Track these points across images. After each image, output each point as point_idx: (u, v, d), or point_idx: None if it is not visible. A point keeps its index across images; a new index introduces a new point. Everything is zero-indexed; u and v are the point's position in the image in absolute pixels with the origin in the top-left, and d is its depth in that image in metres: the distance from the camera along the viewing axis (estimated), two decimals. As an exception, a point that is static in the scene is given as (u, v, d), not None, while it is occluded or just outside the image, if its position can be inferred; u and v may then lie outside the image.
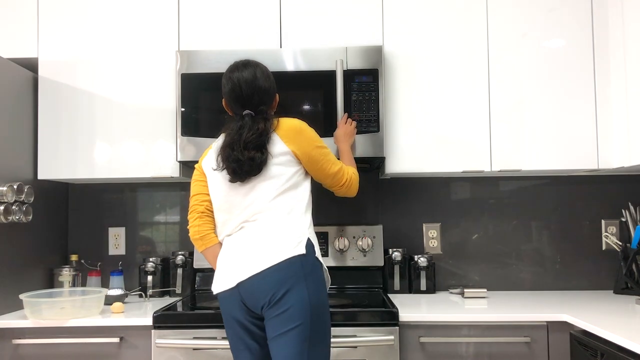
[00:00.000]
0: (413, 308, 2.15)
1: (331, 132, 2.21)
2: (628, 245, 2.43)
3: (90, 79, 2.42)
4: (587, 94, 2.35)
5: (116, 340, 2.04)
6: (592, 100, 2.35)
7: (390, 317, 2.00)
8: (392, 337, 1.95)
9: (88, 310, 2.10)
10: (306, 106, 2.26)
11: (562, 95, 2.35)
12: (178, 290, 2.54)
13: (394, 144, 2.37)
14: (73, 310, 2.07)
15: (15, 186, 2.18)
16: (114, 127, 2.40)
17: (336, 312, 2.00)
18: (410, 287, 2.56)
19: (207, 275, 2.60)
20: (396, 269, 2.55)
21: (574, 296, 2.44)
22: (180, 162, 2.38)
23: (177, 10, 2.42)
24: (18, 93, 2.32)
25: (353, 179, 1.93)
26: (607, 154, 2.34)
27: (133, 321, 2.04)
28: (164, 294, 2.56)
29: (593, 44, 2.36)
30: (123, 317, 2.06)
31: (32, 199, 2.29)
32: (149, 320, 2.03)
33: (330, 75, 2.26)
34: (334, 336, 1.97)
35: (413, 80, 2.38)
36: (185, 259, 2.55)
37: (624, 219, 2.63)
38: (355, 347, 1.98)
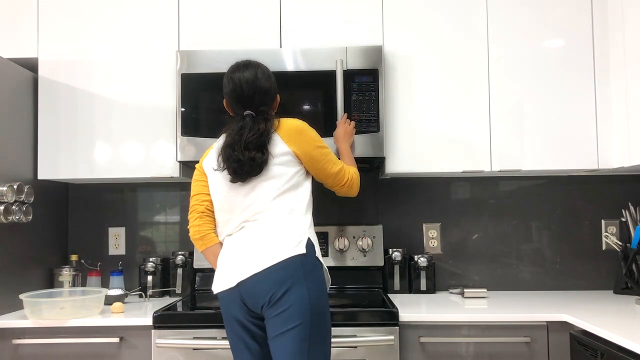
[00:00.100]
0: (413, 308, 2.15)
1: (331, 132, 2.21)
2: (628, 245, 2.44)
3: (90, 79, 2.42)
4: (587, 94, 2.35)
5: (116, 340, 2.04)
6: (592, 100, 2.35)
7: (390, 317, 2.00)
8: (392, 337, 1.95)
9: (88, 310, 2.10)
10: (306, 106, 2.26)
11: (562, 95, 2.35)
12: (178, 290, 2.54)
13: (394, 144, 2.37)
14: (73, 310, 2.07)
15: (15, 186, 2.18)
16: (114, 127, 2.40)
17: (336, 312, 2.00)
18: (410, 287, 2.56)
19: (207, 275, 2.60)
20: (396, 269, 2.55)
21: (574, 296, 2.44)
22: (180, 162, 2.38)
23: (177, 10, 2.42)
24: (18, 93, 2.32)
25: (354, 178, 1.93)
26: (607, 154, 2.34)
27: (133, 321, 2.04)
28: (164, 294, 2.56)
29: (593, 44, 2.36)
30: (123, 317, 2.06)
31: (32, 199, 2.29)
32: (149, 320, 2.03)
33: (330, 75, 2.26)
34: (334, 336, 1.97)
35: (413, 80, 2.38)
36: (185, 259, 2.55)
37: (624, 219, 2.63)
38: (355, 347, 1.98)
